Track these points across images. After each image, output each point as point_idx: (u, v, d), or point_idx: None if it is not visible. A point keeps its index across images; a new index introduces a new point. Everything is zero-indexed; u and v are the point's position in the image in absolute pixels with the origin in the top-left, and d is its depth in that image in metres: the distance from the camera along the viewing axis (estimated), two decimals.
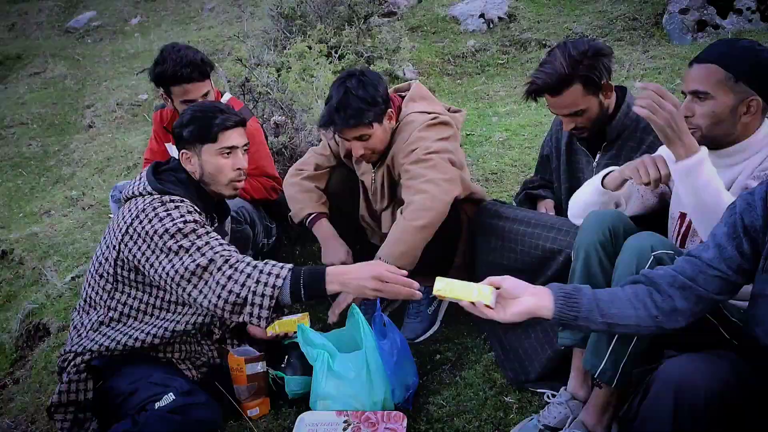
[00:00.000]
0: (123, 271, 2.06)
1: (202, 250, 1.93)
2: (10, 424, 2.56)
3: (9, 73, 7.89)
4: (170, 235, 1.95)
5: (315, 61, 3.93)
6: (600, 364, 1.74)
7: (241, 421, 2.18)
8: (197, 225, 1.99)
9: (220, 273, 1.89)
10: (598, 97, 2.15)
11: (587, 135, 2.24)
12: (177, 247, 1.94)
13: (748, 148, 1.76)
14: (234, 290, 1.87)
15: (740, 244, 1.46)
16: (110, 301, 2.10)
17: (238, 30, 6.75)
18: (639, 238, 1.72)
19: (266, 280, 1.87)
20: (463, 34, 5.98)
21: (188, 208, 2.03)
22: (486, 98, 4.93)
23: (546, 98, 2.18)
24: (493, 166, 3.66)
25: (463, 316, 2.60)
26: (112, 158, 5.06)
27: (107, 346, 2.05)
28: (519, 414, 2.05)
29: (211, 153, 2.12)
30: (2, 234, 4.19)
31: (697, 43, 4.96)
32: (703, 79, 1.72)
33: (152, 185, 2.07)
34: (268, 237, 2.98)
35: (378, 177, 2.47)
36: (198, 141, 2.11)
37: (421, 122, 2.33)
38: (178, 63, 2.66)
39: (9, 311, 3.43)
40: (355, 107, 2.24)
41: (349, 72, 2.33)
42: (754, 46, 1.73)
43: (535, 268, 2.27)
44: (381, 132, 2.33)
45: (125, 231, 2.01)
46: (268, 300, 1.86)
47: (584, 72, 2.08)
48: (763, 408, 1.42)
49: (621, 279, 1.69)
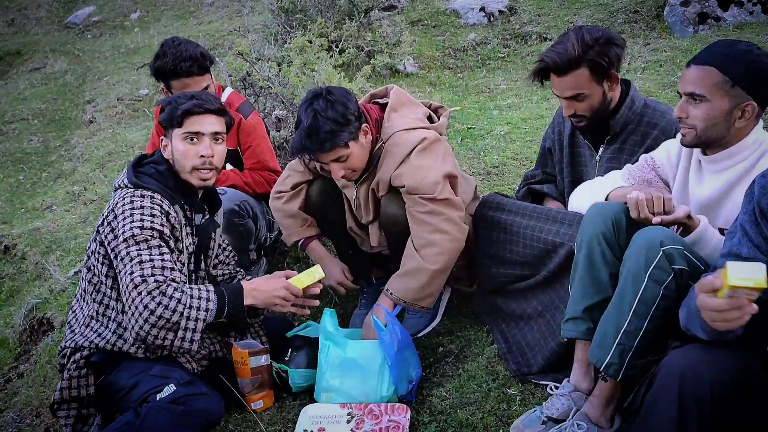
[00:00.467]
0: (98, 264, 2.07)
1: (142, 265, 1.95)
2: (15, 418, 2.57)
3: (9, 68, 7.88)
4: (122, 239, 1.98)
5: (316, 55, 3.92)
6: (606, 357, 1.74)
7: (245, 414, 2.19)
8: (152, 233, 1.99)
9: (148, 297, 1.92)
10: (603, 86, 2.14)
11: (585, 125, 2.23)
12: (124, 254, 1.97)
13: (738, 154, 1.78)
14: (164, 315, 1.92)
15: (762, 230, 1.46)
16: (96, 294, 2.10)
17: (239, 24, 6.73)
18: (648, 232, 1.71)
19: (198, 305, 1.96)
20: (463, 27, 5.97)
21: (152, 211, 2.02)
22: (487, 92, 4.92)
23: (551, 79, 2.17)
24: (495, 159, 3.66)
25: (465, 309, 2.61)
26: (113, 153, 5.06)
27: (97, 344, 2.05)
28: (522, 406, 2.05)
29: (177, 137, 2.12)
30: (5, 229, 4.19)
31: (698, 35, 4.95)
32: (699, 82, 1.72)
33: (129, 179, 2.08)
34: (270, 231, 2.98)
35: (361, 193, 2.41)
36: (168, 125, 2.13)
37: (411, 145, 2.24)
38: (178, 57, 2.66)
39: (12, 306, 3.44)
40: (326, 130, 2.13)
41: (315, 92, 2.20)
42: (753, 50, 1.71)
43: (538, 261, 2.27)
44: (359, 149, 2.24)
45: (101, 223, 2.05)
46: (201, 323, 1.97)
47: (593, 57, 2.08)
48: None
49: (630, 274, 1.68)
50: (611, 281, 1.86)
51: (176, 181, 2.13)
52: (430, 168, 2.23)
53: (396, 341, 2.16)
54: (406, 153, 2.24)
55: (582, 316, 1.89)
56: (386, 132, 2.31)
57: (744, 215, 1.51)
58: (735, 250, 1.53)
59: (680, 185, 1.98)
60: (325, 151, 2.18)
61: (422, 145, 2.25)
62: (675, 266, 1.64)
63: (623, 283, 1.73)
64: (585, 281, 1.89)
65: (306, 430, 2.04)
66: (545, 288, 2.27)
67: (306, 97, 2.22)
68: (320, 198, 2.52)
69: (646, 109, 2.24)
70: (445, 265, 2.24)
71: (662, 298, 1.65)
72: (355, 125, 2.20)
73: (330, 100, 2.16)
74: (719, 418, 1.37)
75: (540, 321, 2.26)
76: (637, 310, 1.68)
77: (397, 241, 2.35)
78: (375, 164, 2.33)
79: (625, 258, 1.74)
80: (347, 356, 2.17)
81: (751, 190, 1.52)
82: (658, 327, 1.68)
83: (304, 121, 2.16)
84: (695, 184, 1.92)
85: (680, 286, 1.65)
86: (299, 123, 2.19)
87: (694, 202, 1.92)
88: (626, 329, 1.70)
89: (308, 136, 2.15)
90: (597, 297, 1.87)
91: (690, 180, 1.94)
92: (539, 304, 2.29)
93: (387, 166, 2.28)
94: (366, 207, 2.42)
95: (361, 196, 2.41)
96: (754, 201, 1.48)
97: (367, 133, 2.28)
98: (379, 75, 5.13)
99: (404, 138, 2.27)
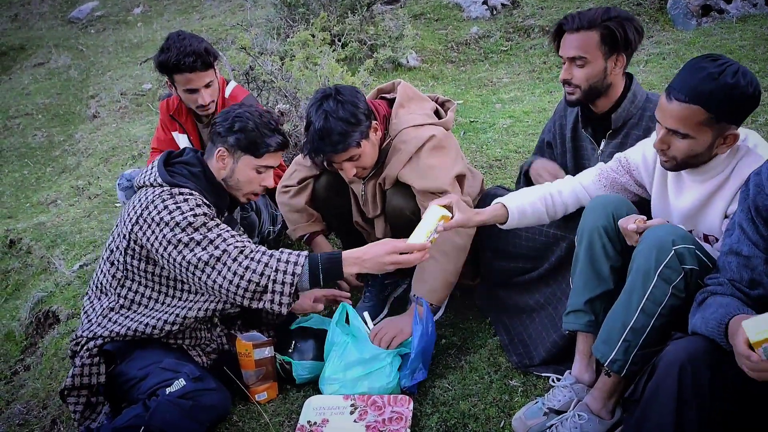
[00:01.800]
0: (133, 260, 2.08)
1: (215, 242, 1.98)
2: (22, 410, 2.60)
3: (13, 64, 7.91)
4: (181, 228, 1.98)
5: (318, 49, 3.93)
6: (611, 353, 1.74)
7: (249, 405, 2.21)
8: (207, 218, 2.02)
9: (236, 263, 1.95)
10: (607, 61, 2.12)
11: (577, 99, 2.19)
12: (188, 239, 1.97)
13: (717, 166, 1.77)
14: (253, 279, 1.94)
15: (758, 228, 1.47)
16: (120, 289, 2.12)
17: (241, 19, 6.74)
18: (658, 230, 1.70)
19: (285, 269, 1.95)
20: (466, 21, 5.96)
21: (197, 202, 2.05)
22: (489, 85, 4.92)
23: (562, 40, 2.16)
24: (497, 152, 3.67)
25: (467, 302, 2.62)
26: (117, 148, 5.08)
27: (118, 332, 2.07)
28: (524, 397, 2.07)
29: (248, 164, 2.14)
30: (10, 224, 4.22)
31: (701, 28, 4.93)
32: (683, 121, 1.67)
33: (163, 177, 2.08)
34: (273, 224, 3.00)
35: (368, 189, 2.42)
36: (241, 150, 2.12)
37: (420, 142, 2.25)
38: (182, 52, 2.67)
39: (18, 300, 3.47)
40: (339, 131, 2.14)
41: (324, 93, 2.20)
42: (739, 83, 1.62)
43: (540, 254, 2.28)
44: (370, 147, 2.25)
45: (135, 221, 2.04)
46: (289, 287, 1.96)
47: (610, 25, 2.08)
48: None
49: (639, 271, 1.68)
50: (612, 274, 1.87)
51: (210, 184, 2.15)
52: (442, 168, 2.26)
53: (425, 338, 2.18)
54: (413, 150, 2.25)
55: (583, 308, 1.91)
56: (394, 128, 2.32)
57: (741, 213, 1.51)
58: (735, 248, 1.54)
59: (658, 194, 1.96)
60: (339, 152, 2.20)
61: (432, 143, 2.26)
62: (686, 266, 1.64)
63: (632, 281, 1.72)
64: (586, 274, 1.90)
65: (310, 421, 2.06)
66: (547, 281, 2.28)
67: (315, 98, 2.22)
68: (327, 192, 2.54)
69: (648, 103, 2.23)
70: (457, 265, 2.29)
71: (671, 297, 1.65)
72: (366, 124, 2.20)
73: (340, 100, 2.16)
74: (719, 411, 1.38)
75: (542, 313, 2.28)
76: (645, 308, 1.68)
77: (403, 233, 2.37)
78: (383, 160, 2.35)
79: (635, 255, 1.73)
80: (361, 353, 2.19)
81: (746, 187, 1.52)
82: (665, 324, 1.68)
83: (316, 123, 2.16)
84: (675, 195, 1.90)
85: (690, 285, 1.65)
86: (309, 124, 2.20)
87: (676, 213, 1.91)
88: (633, 326, 1.70)
89: (321, 138, 2.16)
90: (598, 289, 1.88)
91: (669, 191, 1.93)
92: (541, 296, 2.30)
93: (395, 163, 2.29)
94: (373, 202, 2.44)
95: (368, 191, 2.43)
96: (749, 199, 1.49)
97: (377, 130, 2.29)
98: (382, 69, 5.14)
99: (412, 135, 2.28)
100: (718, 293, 1.52)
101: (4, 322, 3.31)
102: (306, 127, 2.23)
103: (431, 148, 2.26)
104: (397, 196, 2.33)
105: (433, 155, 2.26)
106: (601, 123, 2.27)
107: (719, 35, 4.67)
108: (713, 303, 1.49)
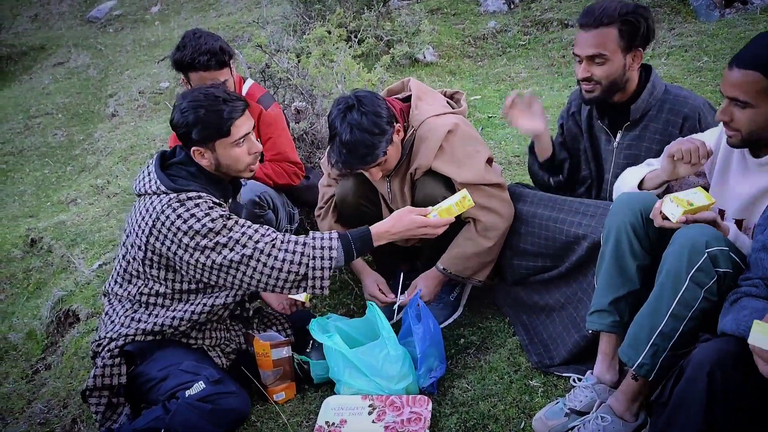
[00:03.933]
0: (152, 270, 2.08)
1: (241, 241, 1.98)
2: (42, 409, 2.62)
3: (33, 63, 7.99)
4: (202, 235, 1.96)
5: (335, 45, 3.91)
6: (638, 357, 1.70)
7: (268, 406, 2.20)
8: (224, 219, 2.00)
9: (270, 258, 1.97)
10: (625, 57, 2.10)
11: (596, 96, 2.16)
12: (213, 244, 1.96)
13: None
14: (292, 269, 1.98)
15: None
16: (140, 296, 2.13)
17: (257, 16, 6.74)
18: (690, 231, 1.65)
19: (321, 254, 2.00)
20: (483, 15, 5.90)
21: (208, 204, 2.02)
22: (508, 80, 4.86)
23: (578, 37, 2.14)
24: (516, 148, 3.62)
25: (486, 300, 2.59)
26: (136, 146, 5.10)
27: (143, 329, 2.08)
28: (544, 398, 2.04)
29: (225, 146, 2.07)
30: (31, 223, 4.26)
31: (724, 19, 4.82)
32: (744, 88, 1.64)
33: (165, 184, 2.03)
34: (290, 222, 2.99)
35: (395, 185, 2.41)
36: (210, 139, 2.05)
37: (445, 129, 2.26)
38: (197, 50, 2.66)
39: (39, 298, 3.50)
40: (367, 144, 2.16)
41: (346, 104, 2.19)
42: None
43: (560, 253, 2.24)
44: (394, 150, 2.27)
45: (149, 233, 2.01)
46: (327, 271, 2.02)
47: (628, 19, 2.05)
48: None
49: (669, 274, 1.63)
50: (639, 273, 1.83)
51: (209, 179, 2.13)
52: (475, 155, 2.30)
53: (428, 335, 2.16)
54: (442, 137, 2.26)
55: (608, 308, 1.87)
56: (416, 119, 2.33)
57: None
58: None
59: (718, 180, 1.91)
60: (368, 164, 2.22)
61: (460, 131, 2.29)
62: (719, 269, 1.59)
63: (661, 283, 1.67)
64: (611, 273, 1.86)
65: (328, 421, 2.05)
66: (568, 280, 2.25)
67: (338, 108, 2.21)
68: (356, 199, 2.50)
69: (667, 95, 2.18)
70: (498, 240, 2.35)
71: (703, 300, 1.61)
72: (390, 132, 2.22)
73: (363, 111, 2.16)
74: (748, 415, 1.34)
75: (563, 313, 2.24)
76: (675, 312, 1.63)
77: None
78: (408, 152, 2.34)
79: (665, 256, 1.68)
80: (358, 357, 2.16)
81: None
82: (695, 327, 1.64)
83: (342, 136, 2.16)
84: (738, 178, 1.84)
85: (722, 288, 1.60)
86: (334, 136, 2.20)
87: (734, 196, 1.84)
88: (662, 330, 1.65)
89: (349, 152, 2.18)
90: (623, 289, 1.84)
91: (732, 173, 1.86)
92: (562, 296, 2.26)
93: (425, 152, 2.29)
94: (402, 196, 2.42)
95: (395, 187, 2.41)
96: None
97: (399, 132, 2.29)
98: (399, 65, 5.10)
99: (437, 123, 2.29)
100: (752, 295, 1.48)
101: (26, 320, 3.34)
102: (330, 138, 2.24)
103: (462, 137, 2.29)
104: (428, 183, 2.32)
105: (466, 144, 2.30)
106: (617, 114, 2.22)
107: (743, 26, 4.57)
108: (748, 306, 1.44)
